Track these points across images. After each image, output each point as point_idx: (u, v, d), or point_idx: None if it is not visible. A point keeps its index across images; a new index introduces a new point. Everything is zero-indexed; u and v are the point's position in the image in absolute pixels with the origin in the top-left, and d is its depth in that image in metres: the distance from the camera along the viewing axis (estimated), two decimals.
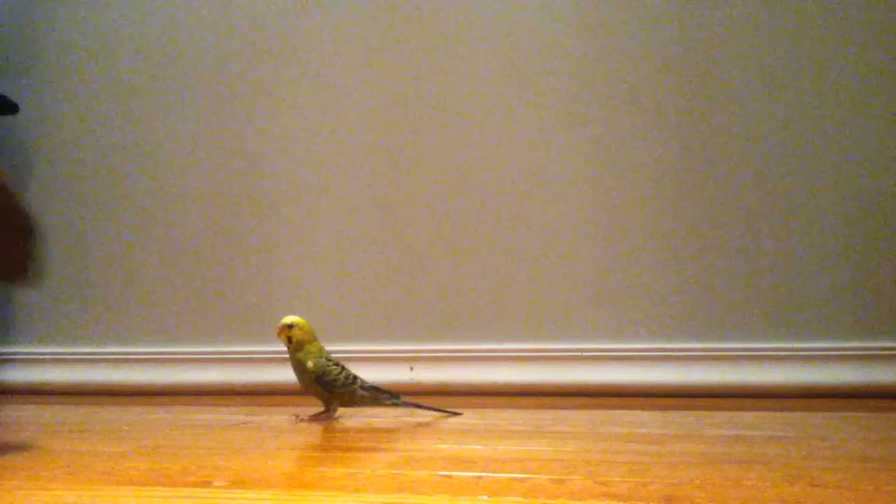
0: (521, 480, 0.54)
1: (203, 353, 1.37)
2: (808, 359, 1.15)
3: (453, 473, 0.57)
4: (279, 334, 0.95)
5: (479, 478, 0.55)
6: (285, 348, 0.95)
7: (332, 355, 0.96)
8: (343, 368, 0.94)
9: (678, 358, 1.19)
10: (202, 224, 1.41)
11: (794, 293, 1.18)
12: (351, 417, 0.96)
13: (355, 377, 0.94)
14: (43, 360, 1.43)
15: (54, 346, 1.44)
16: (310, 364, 0.93)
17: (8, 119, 1.50)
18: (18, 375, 1.42)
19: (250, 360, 1.33)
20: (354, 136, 1.36)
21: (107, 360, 1.41)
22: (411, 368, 1.27)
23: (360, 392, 0.93)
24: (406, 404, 0.95)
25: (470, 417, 0.94)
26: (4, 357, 1.45)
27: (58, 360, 1.43)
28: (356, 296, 1.32)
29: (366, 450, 0.72)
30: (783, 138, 1.21)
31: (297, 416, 0.95)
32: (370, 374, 0.98)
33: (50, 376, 1.41)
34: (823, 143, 1.19)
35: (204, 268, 1.40)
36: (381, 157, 1.34)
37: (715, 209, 1.22)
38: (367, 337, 1.30)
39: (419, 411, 0.96)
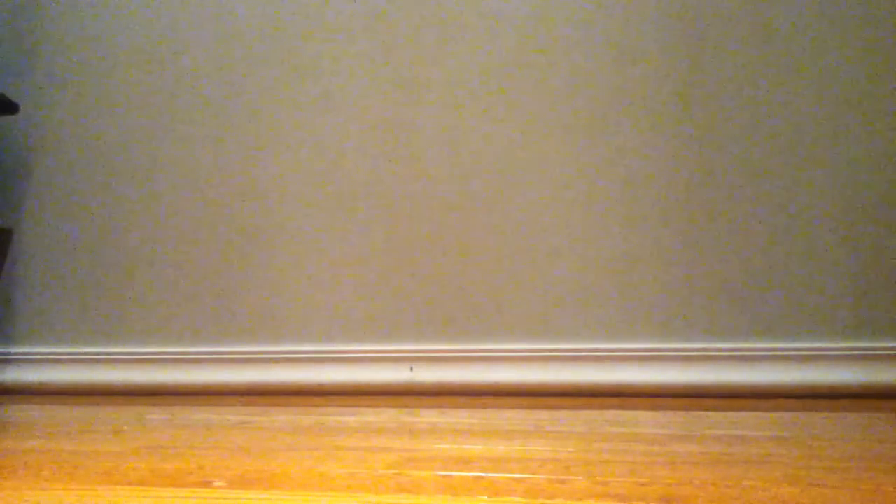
0: (521, 480, 0.54)
1: (203, 353, 1.37)
2: (808, 359, 1.15)
3: (453, 473, 0.57)
4: None
5: (479, 478, 0.55)
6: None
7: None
8: None
9: (678, 358, 1.19)
10: (202, 224, 1.41)
11: (794, 293, 1.18)
12: (351, 417, 0.96)
13: None
14: (43, 360, 1.43)
15: (54, 346, 1.44)
16: None
17: (8, 119, 1.50)
18: (18, 375, 1.42)
19: (250, 360, 1.33)
20: (354, 135, 1.36)
21: (107, 360, 1.41)
22: (411, 368, 1.27)
23: None
24: None
25: (470, 417, 0.94)
26: (4, 357, 1.45)
27: (58, 360, 1.43)
28: (356, 296, 1.32)
29: (366, 450, 0.72)
30: (783, 138, 1.21)
31: None
32: (370, 374, 0.98)
33: (50, 376, 1.41)
34: (823, 143, 1.19)
35: (204, 268, 1.40)
36: (380, 156, 1.34)
37: (714, 209, 1.22)
38: (367, 337, 1.30)
39: (419, 411, 0.95)
